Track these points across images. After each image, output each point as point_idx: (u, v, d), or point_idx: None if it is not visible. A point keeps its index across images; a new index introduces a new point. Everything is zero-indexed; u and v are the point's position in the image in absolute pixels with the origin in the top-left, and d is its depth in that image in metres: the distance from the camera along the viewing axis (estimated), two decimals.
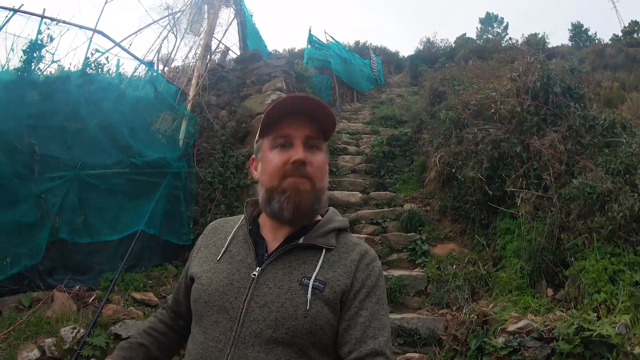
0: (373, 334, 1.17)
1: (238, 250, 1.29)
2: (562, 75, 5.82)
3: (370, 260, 1.28)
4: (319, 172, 1.25)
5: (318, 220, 1.33)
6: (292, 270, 1.21)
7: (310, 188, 1.22)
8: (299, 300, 1.16)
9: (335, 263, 1.24)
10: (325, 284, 1.19)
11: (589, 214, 4.23)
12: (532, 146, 5.12)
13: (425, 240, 6.00)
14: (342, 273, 1.23)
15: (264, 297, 1.17)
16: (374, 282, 1.24)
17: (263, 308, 1.16)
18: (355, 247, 1.30)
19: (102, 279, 4.78)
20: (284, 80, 7.53)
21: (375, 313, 1.20)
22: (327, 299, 1.18)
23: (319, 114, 1.25)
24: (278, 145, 1.25)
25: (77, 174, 4.76)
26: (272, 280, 1.20)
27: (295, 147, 1.23)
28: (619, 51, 14.56)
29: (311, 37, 13.67)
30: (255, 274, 1.21)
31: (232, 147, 6.85)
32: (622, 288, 3.52)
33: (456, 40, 23.18)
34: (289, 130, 1.24)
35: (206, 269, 1.28)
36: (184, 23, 7.93)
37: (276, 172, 1.22)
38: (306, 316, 1.15)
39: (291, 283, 1.19)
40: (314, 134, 1.26)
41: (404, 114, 11.10)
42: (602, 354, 2.95)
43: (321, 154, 1.28)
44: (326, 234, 1.29)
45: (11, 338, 3.55)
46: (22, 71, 4.43)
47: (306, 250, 1.25)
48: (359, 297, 1.21)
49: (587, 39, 23.02)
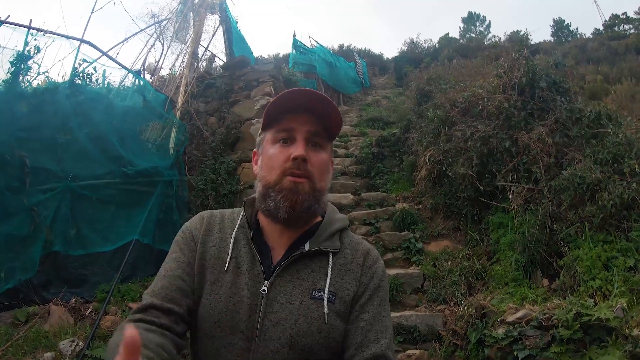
0: (375, 337, 1.14)
1: (243, 259, 1.20)
2: (547, 70, 5.93)
3: (373, 262, 1.25)
4: (320, 171, 1.19)
5: (319, 221, 1.27)
6: (302, 282, 1.16)
7: (309, 188, 1.16)
8: (312, 316, 1.12)
9: (342, 267, 1.21)
10: (335, 294, 1.16)
11: (580, 203, 4.31)
12: (521, 140, 5.20)
13: (419, 239, 6.04)
14: (350, 280, 1.20)
15: (276, 315, 1.12)
16: (377, 284, 1.22)
17: (277, 326, 1.11)
18: (358, 247, 1.27)
19: (97, 290, 4.73)
20: (272, 85, 7.57)
21: (377, 315, 1.18)
22: (339, 311, 1.15)
23: (324, 109, 1.20)
24: (280, 140, 1.20)
25: (69, 185, 4.72)
26: (282, 295, 1.14)
27: (297, 142, 1.17)
28: (601, 45, 14.85)
29: (296, 42, 13.72)
30: (265, 289, 1.14)
31: (223, 154, 6.85)
32: (617, 274, 3.59)
33: (439, 40, 23.48)
34: (291, 124, 1.19)
35: (210, 279, 1.18)
36: (170, 31, 7.92)
37: (275, 168, 1.17)
38: (320, 331, 1.12)
39: (302, 297, 1.14)
40: (318, 131, 1.20)
41: (391, 115, 11.18)
42: (602, 337, 3.01)
43: (324, 153, 1.22)
44: (331, 237, 1.24)
45: (9, 354, 3.49)
46: (9, 83, 4.39)
47: (313, 257, 1.20)
48: (362, 300, 1.19)
49: (569, 34, 23.43)
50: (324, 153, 1.23)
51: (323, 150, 1.22)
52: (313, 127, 1.20)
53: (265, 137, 1.25)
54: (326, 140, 1.24)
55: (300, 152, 1.15)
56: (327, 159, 1.24)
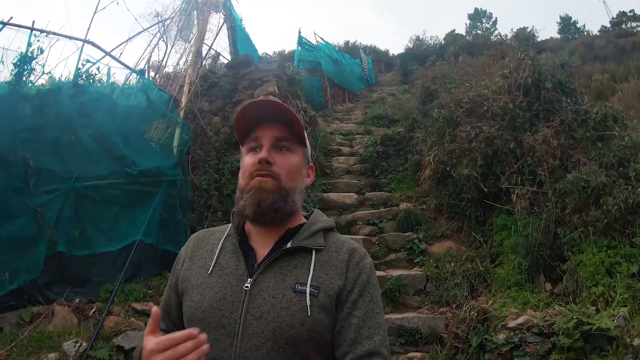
0: (368, 334, 1.16)
1: (227, 262, 1.26)
2: (553, 71, 5.88)
3: (360, 258, 1.27)
4: (287, 171, 1.26)
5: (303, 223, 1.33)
6: (285, 277, 1.20)
7: (272, 186, 1.23)
8: (294, 309, 1.15)
9: (326, 264, 1.24)
10: (318, 289, 1.18)
11: (584, 207, 4.28)
12: (526, 142, 5.16)
13: (422, 239, 6.03)
14: (334, 275, 1.22)
15: (259, 309, 1.16)
16: (366, 279, 1.23)
17: (259, 320, 1.14)
18: (343, 245, 1.29)
19: (101, 290, 4.75)
20: (276, 84, 7.53)
21: (370, 312, 1.19)
22: (323, 304, 1.17)
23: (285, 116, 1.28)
24: (250, 150, 1.29)
25: (73, 186, 4.73)
26: (265, 290, 1.18)
27: (263, 148, 1.26)
28: (608, 42, 14.70)
29: (301, 39, 13.68)
30: (247, 285, 1.19)
31: (227, 153, 6.83)
32: (620, 280, 3.57)
33: (445, 36, 23.25)
34: (258, 133, 1.28)
35: (196, 284, 1.25)
36: (174, 30, 7.90)
37: (246, 173, 1.26)
38: (303, 324, 1.13)
39: (285, 291, 1.17)
40: (283, 135, 1.28)
41: (396, 112, 11.15)
42: (602, 346, 2.99)
43: (292, 155, 1.30)
44: (313, 235, 1.28)
45: (14, 355, 3.52)
46: (13, 84, 4.39)
47: (295, 254, 1.24)
48: (352, 297, 1.20)
49: (576, 32, 23.16)
50: (294, 156, 1.30)
51: (292, 153, 1.30)
52: (278, 133, 1.28)
53: (243, 151, 1.35)
54: (296, 144, 1.32)
55: (263, 154, 1.24)
56: (296, 161, 1.31)
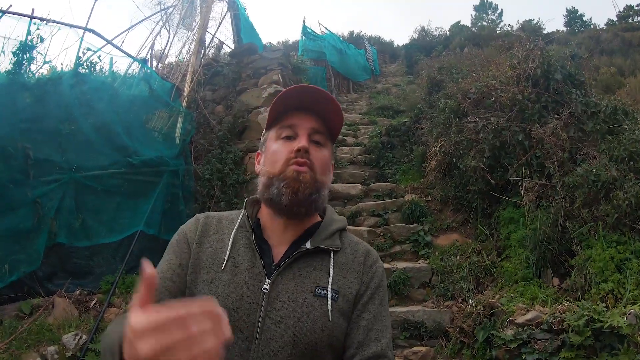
0: (376, 337, 1.15)
1: (242, 258, 1.19)
2: (563, 62, 5.74)
3: (374, 261, 1.26)
4: (321, 165, 1.22)
5: (319, 221, 1.29)
6: (304, 280, 1.16)
7: (310, 178, 1.18)
8: (315, 314, 1.11)
9: (343, 266, 1.21)
10: (338, 292, 1.16)
11: (594, 202, 4.19)
12: (534, 134, 5.06)
13: (427, 231, 5.95)
14: (352, 279, 1.20)
15: (278, 313, 1.11)
16: (378, 283, 1.22)
17: (279, 324, 1.10)
18: (358, 247, 1.28)
19: (102, 282, 4.72)
20: (280, 73, 7.43)
21: (378, 315, 1.19)
22: (342, 308, 1.15)
23: (326, 108, 1.24)
24: (283, 137, 1.23)
25: (73, 176, 4.68)
26: (284, 293, 1.13)
27: (299, 137, 1.21)
28: (614, 36, 14.49)
29: (305, 29, 13.53)
30: (266, 287, 1.13)
31: (230, 143, 6.76)
32: (630, 277, 3.49)
33: (451, 28, 22.94)
34: (294, 120, 1.23)
35: (207, 278, 1.17)
36: (177, 18, 7.80)
37: (279, 160, 1.20)
38: (324, 329, 1.10)
39: (305, 295, 1.13)
40: (320, 129, 1.24)
41: (401, 103, 11.01)
42: (613, 344, 2.92)
43: (325, 151, 1.25)
44: (332, 235, 1.25)
45: (13, 347, 3.49)
46: (13, 74, 4.33)
47: (314, 255, 1.20)
48: (363, 299, 1.19)
49: (582, 25, 22.85)
50: (325, 150, 1.26)
51: (324, 148, 1.26)
52: (315, 125, 1.24)
53: (268, 135, 1.29)
54: (327, 139, 1.28)
55: (304, 143, 1.19)
56: (327, 156, 1.27)
